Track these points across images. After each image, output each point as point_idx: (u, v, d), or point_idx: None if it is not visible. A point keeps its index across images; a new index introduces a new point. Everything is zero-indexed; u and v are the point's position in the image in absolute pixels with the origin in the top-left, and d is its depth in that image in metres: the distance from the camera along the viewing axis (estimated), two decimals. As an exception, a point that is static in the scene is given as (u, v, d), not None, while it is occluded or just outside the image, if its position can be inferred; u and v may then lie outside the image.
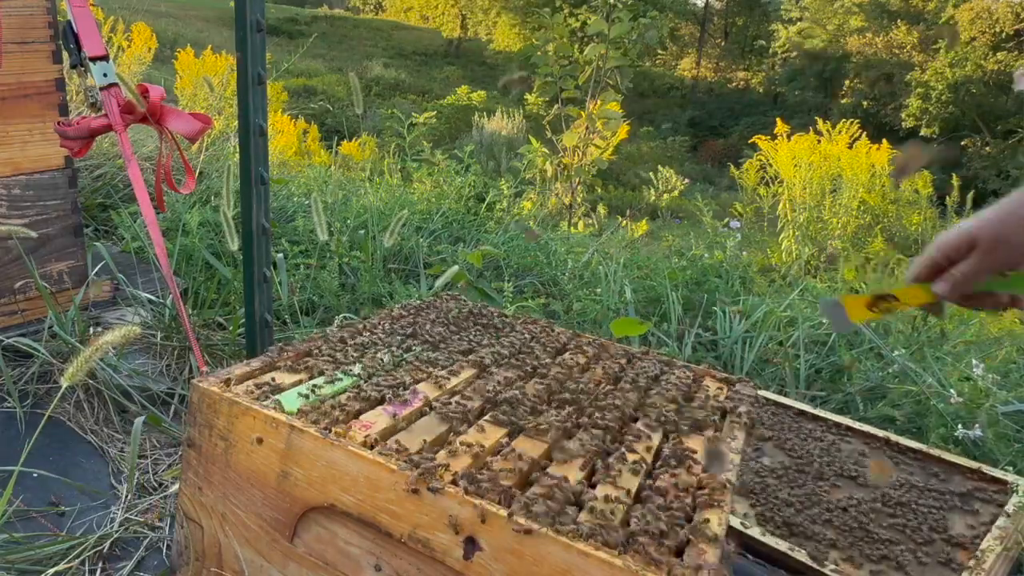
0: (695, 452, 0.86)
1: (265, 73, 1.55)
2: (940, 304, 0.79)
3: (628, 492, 0.74)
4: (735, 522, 1.42)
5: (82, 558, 1.22)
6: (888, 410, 2.08)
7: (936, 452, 1.73)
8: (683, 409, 0.99)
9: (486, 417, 0.87)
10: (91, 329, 1.91)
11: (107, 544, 1.27)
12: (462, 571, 0.68)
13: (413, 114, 5.60)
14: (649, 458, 0.83)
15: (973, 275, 0.74)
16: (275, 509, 0.78)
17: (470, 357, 1.06)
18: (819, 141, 6.08)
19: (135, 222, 2.71)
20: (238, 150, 1.62)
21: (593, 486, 0.75)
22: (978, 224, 0.73)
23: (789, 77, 24.63)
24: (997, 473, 1.65)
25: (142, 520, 1.34)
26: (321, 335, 1.05)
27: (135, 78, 4.27)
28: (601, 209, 6.08)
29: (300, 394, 0.84)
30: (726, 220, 3.81)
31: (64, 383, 1.06)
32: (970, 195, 5.40)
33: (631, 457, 0.82)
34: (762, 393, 2.00)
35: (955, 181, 5.64)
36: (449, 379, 0.96)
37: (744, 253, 3.53)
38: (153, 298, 2.13)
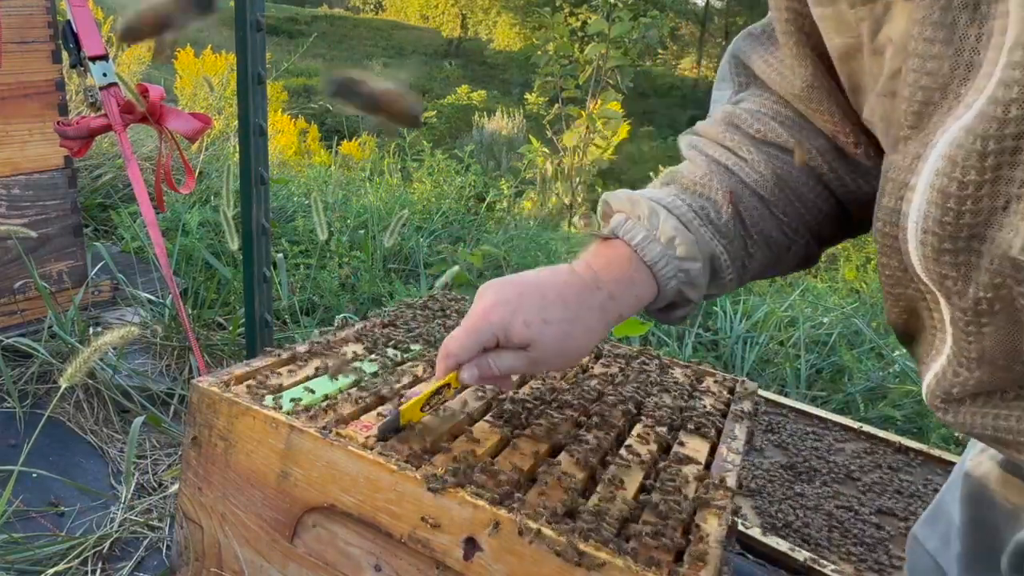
0: (696, 452, 0.86)
1: (265, 73, 1.55)
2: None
3: (628, 492, 0.74)
4: (735, 522, 1.42)
5: (82, 558, 1.22)
6: (888, 410, 2.08)
7: (936, 452, 1.73)
8: (684, 409, 0.99)
9: (487, 417, 0.87)
10: (91, 329, 1.91)
11: (107, 544, 1.27)
12: (462, 571, 0.67)
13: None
14: (650, 458, 0.83)
15: (510, 372, 0.73)
16: (275, 509, 0.78)
17: (470, 357, 1.06)
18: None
19: (135, 222, 2.71)
20: (238, 150, 1.62)
21: (594, 487, 0.75)
22: (539, 323, 0.70)
23: (789, 77, 24.57)
24: (998, 473, 1.64)
25: (142, 520, 1.34)
26: (321, 335, 1.05)
27: (135, 78, 4.27)
28: (601, 209, 6.07)
29: (300, 394, 0.84)
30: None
31: (63, 383, 1.07)
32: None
33: (631, 458, 0.82)
34: (762, 393, 2.00)
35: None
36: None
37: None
38: (153, 298, 2.13)
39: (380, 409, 0.84)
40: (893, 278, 0.57)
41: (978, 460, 0.71)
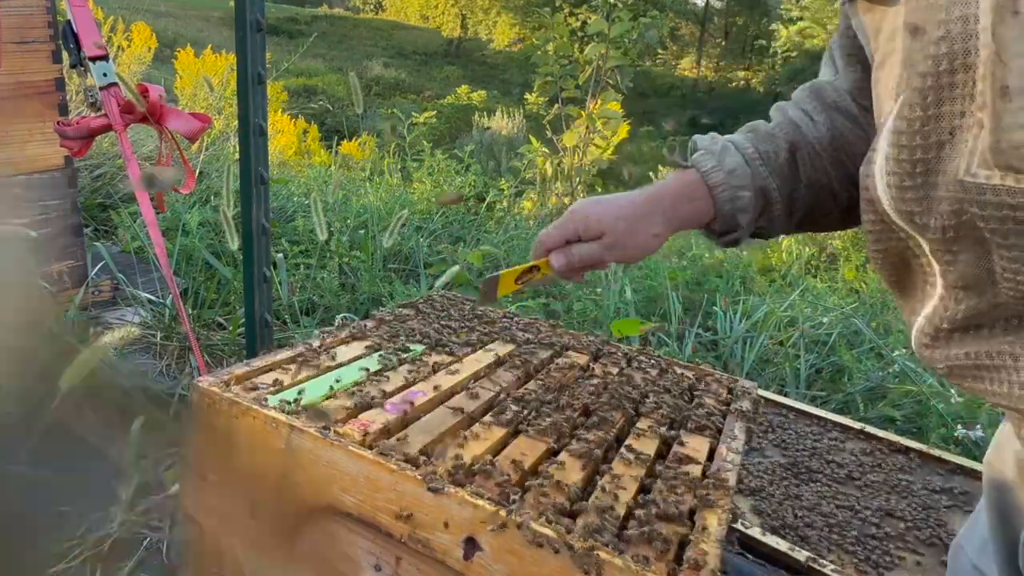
0: (696, 452, 0.86)
1: (265, 73, 1.55)
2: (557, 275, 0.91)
3: (628, 492, 0.74)
4: (735, 522, 1.42)
5: (82, 558, 1.22)
6: (888, 410, 2.08)
7: (936, 452, 1.73)
8: (683, 409, 0.99)
9: (487, 417, 0.87)
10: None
11: (107, 544, 1.27)
12: (462, 571, 0.67)
13: (413, 114, 5.60)
14: (650, 458, 0.83)
15: (590, 260, 0.86)
16: (275, 509, 0.78)
17: (470, 357, 1.06)
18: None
19: (135, 222, 2.71)
20: (238, 150, 1.62)
21: (594, 486, 0.75)
22: (612, 218, 0.84)
23: (790, 77, 24.62)
24: (997, 473, 1.64)
25: (142, 520, 1.34)
26: (322, 334, 1.05)
27: (135, 78, 4.26)
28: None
29: (300, 394, 0.84)
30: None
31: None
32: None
33: (631, 457, 0.82)
34: (762, 393, 2.00)
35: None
36: (450, 379, 0.96)
37: (744, 253, 3.53)
38: (153, 298, 2.13)
39: (385, 407, 0.84)
40: (875, 234, 0.63)
41: (996, 454, 0.72)
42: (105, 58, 1.50)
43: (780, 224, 0.89)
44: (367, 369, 0.95)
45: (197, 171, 3.26)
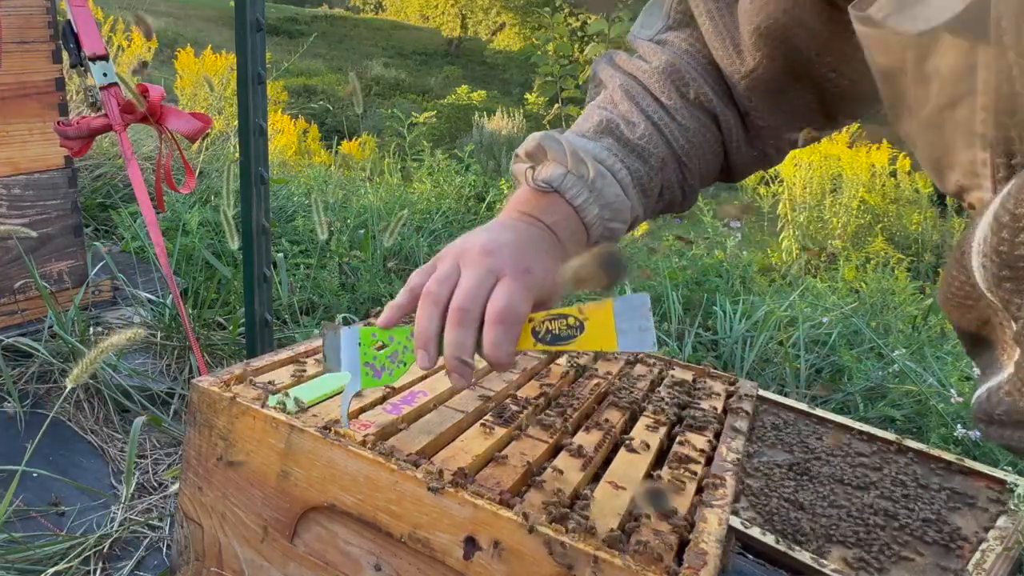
0: (696, 452, 0.86)
1: (265, 73, 1.55)
2: None
3: (629, 492, 0.74)
4: (735, 522, 1.42)
5: (82, 557, 1.22)
6: (888, 410, 2.08)
7: (936, 452, 1.73)
8: (683, 409, 0.99)
9: (487, 417, 0.87)
10: (91, 329, 1.91)
11: (107, 544, 1.27)
12: (462, 571, 0.67)
13: (413, 114, 5.60)
14: (650, 458, 0.83)
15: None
16: (275, 509, 0.78)
17: (470, 357, 1.06)
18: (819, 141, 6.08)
19: (135, 222, 2.71)
20: (238, 150, 1.62)
21: (594, 486, 0.75)
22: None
23: (789, 77, 24.55)
24: (997, 473, 1.65)
25: (142, 520, 1.34)
26: (322, 334, 1.05)
27: (135, 78, 4.26)
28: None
29: (300, 393, 0.84)
30: (726, 220, 3.80)
31: (69, 384, 1.07)
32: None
33: (631, 457, 0.82)
34: (762, 393, 2.00)
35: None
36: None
37: (744, 253, 3.53)
38: (153, 298, 2.13)
39: (384, 406, 0.84)
40: (963, 291, 0.56)
41: None
42: (105, 58, 1.50)
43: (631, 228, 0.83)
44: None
45: (197, 171, 3.26)
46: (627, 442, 0.86)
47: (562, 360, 1.12)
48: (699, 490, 0.76)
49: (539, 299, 0.70)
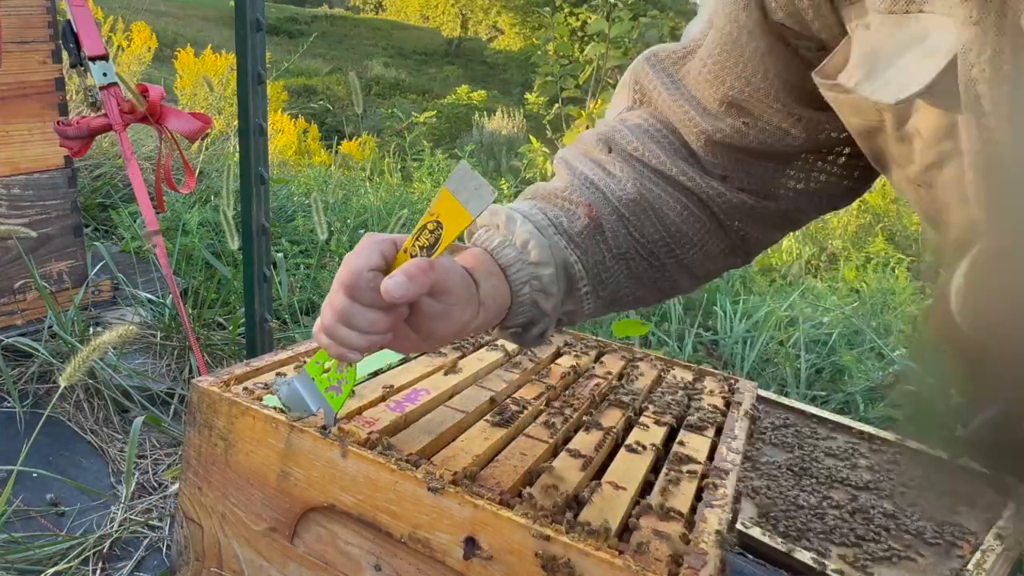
0: (696, 451, 0.86)
1: (265, 73, 1.55)
2: None
3: (628, 492, 0.74)
4: (735, 522, 1.42)
5: (82, 557, 1.22)
6: (888, 410, 2.08)
7: (936, 453, 1.73)
8: (683, 408, 0.99)
9: (487, 417, 0.87)
10: (91, 329, 1.91)
11: (107, 544, 1.27)
12: (462, 571, 0.67)
13: (413, 114, 5.60)
14: (650, 458, 0.83)
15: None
16: (275, 509, 0.78)
17: (471, 357, 1.06)
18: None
19: (135, 222, 2.71)
20: (238, 150, 1.62)
21: (594, 486, 0.75)
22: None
23: (789, 77, 24.54)
24: (998, 473, 1.64)
25: (142, 520, 1.34)
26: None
27: (135, 77, 4.27)
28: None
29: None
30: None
31: (62, 382, 1.06)
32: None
33: (632, 457, 0.82)
34: (762, 393, 2.00)
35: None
36: (451, 378, 0.96)
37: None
38: (153, 298, 2.13)
39: (385, 406, 0.84)
40: (942, 330, 0.57)
41: None
42: (105, 58, 1.50)
43: (589, 305, 0.76)
44: (368, 369, 0.95)
45: (197, 171, 3.26)
46: (627, 442, 0.86)
47: (562, 360, 1.12)
48: (699, 490, 0.76)
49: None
